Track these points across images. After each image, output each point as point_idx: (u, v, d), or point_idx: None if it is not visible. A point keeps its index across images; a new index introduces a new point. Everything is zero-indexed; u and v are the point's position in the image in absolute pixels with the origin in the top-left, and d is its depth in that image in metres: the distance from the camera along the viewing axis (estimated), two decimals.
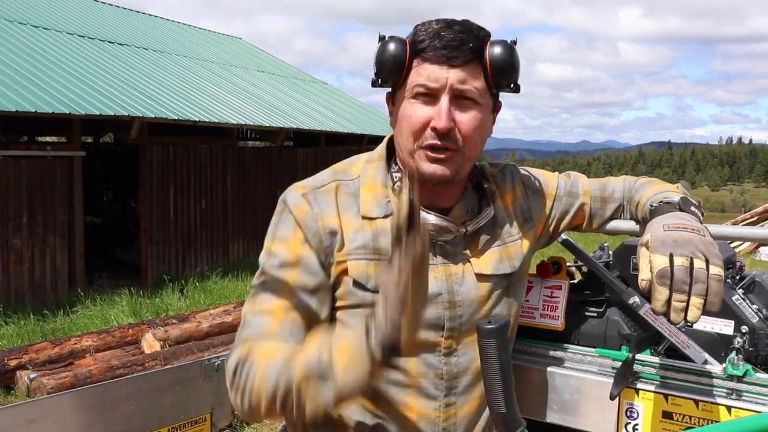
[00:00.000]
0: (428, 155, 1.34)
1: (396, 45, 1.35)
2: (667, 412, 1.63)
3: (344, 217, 1.38)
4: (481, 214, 1.44)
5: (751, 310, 1.82)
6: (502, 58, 1.34)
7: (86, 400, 1.60)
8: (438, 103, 1.32)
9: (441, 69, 1.32)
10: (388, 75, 1.37)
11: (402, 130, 1.37)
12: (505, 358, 1.04)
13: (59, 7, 15.10)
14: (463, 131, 1.34)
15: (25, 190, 9.11)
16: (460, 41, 1.31)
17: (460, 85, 1.32)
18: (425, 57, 1.33)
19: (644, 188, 1.60)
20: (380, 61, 1.36)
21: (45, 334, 7.76)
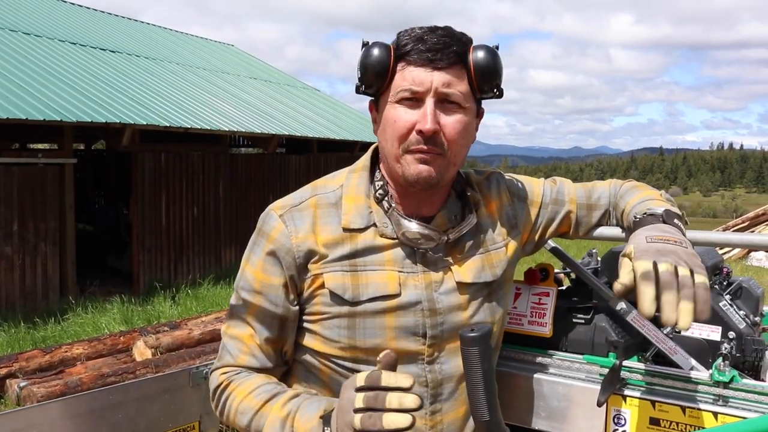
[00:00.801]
0: (415, 156, 1.34)
1: (379, 50, 1.35)
2: (655, 419, 1.63)
3: (323, 230, 1.39)
4: (464, 222, 1.44)
5: (738, 315, 1.82)
6: (486, 61, 1.35)
7: (74, 409, 1.59)
8: (423, 106, 1.33)
9: (425, 72, 1.32)
10: (372, 80, 1.37)
11: (387, 135, 1.37)
12: (488, 366, 1.04)
13: (51, 14, 15.07)
14: (447, 135, 1.34)
15: (16, 197, 9.07)
16: (443, 44, 1.32)
17: (444, 88, 1.32)
18: (409, 60, 1.33)
19: (629, 194, 1.59)
20: (364, 66, 1.36)
21: (35, 342, 7.71)
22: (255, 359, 1.43)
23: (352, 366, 1.38)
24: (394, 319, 1.36)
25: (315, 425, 1.24)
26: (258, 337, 1.42)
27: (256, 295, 1.40)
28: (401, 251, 1.39)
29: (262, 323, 1.41)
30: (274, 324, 1.41)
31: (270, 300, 1.39)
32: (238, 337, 1.44)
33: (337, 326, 1.36)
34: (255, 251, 1.43)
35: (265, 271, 1.40)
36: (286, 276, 1.38)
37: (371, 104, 1.45)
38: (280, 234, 1.39)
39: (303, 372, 1.45)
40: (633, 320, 1.75)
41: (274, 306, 1.39)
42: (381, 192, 1.41)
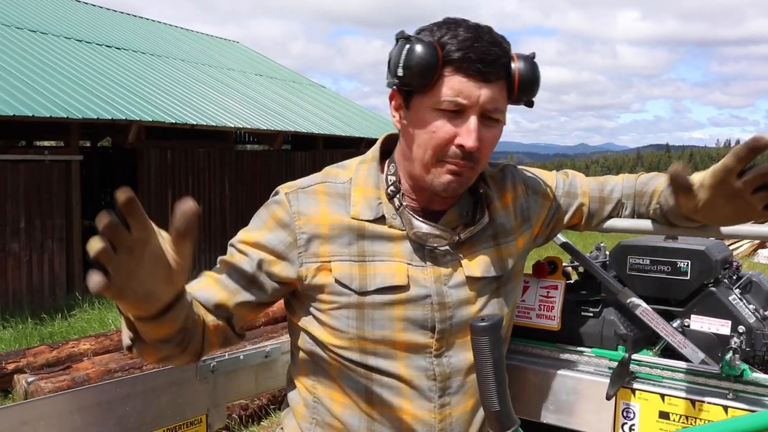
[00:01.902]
0: (448, 168, 1.32)
1: (427, 50, 1.26)
2: (664, 412, 1.62)
3: (330, 216, 1.38)
4: (476, 224, 1.42)
5: (748, 310, 1.82)
6: (530, 75, 1.33)
7: (81, 402, 1.59)
8: (465, 120, 1.29)
9: (474, 85, 1.28)
10: (415, 80, 1.28)
11: (420, 141, 1.33)
12: (499, 356, 1.03)
13: (56, 11, 15.10)
14: (483, 150, 1.33)
15: (22, 194, 9.09)
16: (494, 56, 1.28)
17: (489, 104, 1.29)
18: (458, 69, 1.27)
19: (656, 179, 1.59)
20: (408, 64, 1.27)
21: (43, 337, 7.73)
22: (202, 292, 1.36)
23: (360, 359, 1.37)
24: (402, 311, 1.36)
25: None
26: (216, 279, 1.38)
27: (238, 253, 1.39)
28: (410, 245, 1.38)
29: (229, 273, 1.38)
30: (239, 279, 1.37)
31: (252, 259, 1.37)
32: (203, 274, 1.42)
33: (345, 317, 1.36)
34: (256, 222, 1.42)
35: (259, 238, 1.38)
36: (278, 249, 1.37)
37: (397, 94, 1.38)
38: (284, 212, 1.38)
39: (312, 366, 1.45)
40: (642, 314, 1.74)
41: (248, 265, 1.37)
42: (393, 189, 1.39)
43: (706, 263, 1.81)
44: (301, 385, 1.48)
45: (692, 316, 1.82)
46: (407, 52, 1.27)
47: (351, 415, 1.40)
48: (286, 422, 1.53)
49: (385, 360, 1.37)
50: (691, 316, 1.82)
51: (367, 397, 1.38)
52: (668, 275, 1.85)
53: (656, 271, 1.87)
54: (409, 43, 1.28)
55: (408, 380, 1.37)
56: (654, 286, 1.86)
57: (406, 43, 1.28)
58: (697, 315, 1.81)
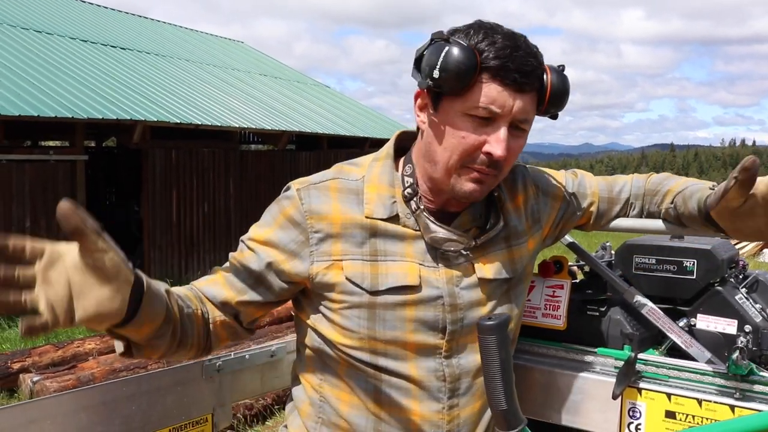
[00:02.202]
0: (472, 176, 1.32)
1: (466, 54, 1.25)
2: (670, 412, 1.62)
3: (342, 215, 1.37)
4: (491, 228, 1.42)
5: (755, 309, 1.81)
6: (561, 89, 1.34)
7: (86, 401, 1.59)
8: (496, 129, 1.28)
9: (509, 94, 1.27)
10: (451, 83, 1.26)
11: (447, 145, 1.32)
12: (506, 355, 1.03)
13: (62, 11, 15.14)
14: (509, 159, 1.32)
15: (28, 194, 9.12)
16: (531, 67, 1.28)
17: (520, 115, 1.29)
18: (495, 77, 1.26)
19: (668, 181, 1.59)
20: (446, 67, 1.25)
21: (48, 337, 7.75)
22: (211, 289, 1.40)
23: (370, 359, 1.36)
24: (414, 311, 1.35)
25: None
26: (226, 278, 1.40)
27: (248, 250, 1.40)
28: (423, 244, 1.38)
29: (238, 272, 1.40)
30: (247, 278, 1.39)
31: (260, 258, 1.38)
32: (212, 273, 1.44)
33: (356, 316, 1.35)
34: (266, 218, 1.42)
35: (269, 236, 1.38)
36: (289, 248, 1.37)
37: (425, 93, 1.36)
38: (296, 209, 1.37)
39: (320, 365, 1.44)
40: (648, 313, 1.74)
41: (256, 264, 1.38)
42: (410, 191, 1.38)
43: (713, 262, 1.80)
44: (306, 383, 1.47)
45: (698, 315, 1.81)
46: (445, 55, 1.25)
47: (358, 416, 1.39)
48: (290, 420, 1.52)
49: (395, 361, 1.36)
50: (698, 315, 1.81)
51: (376, 397, 1.38)
52: (674, 274, 1.84)
53: (662, 270, 1.86)
54: (448, 45, 1.26)
55: (418, 381, 1.37)
56: (660, 285, 1.85)
57: (444, 45, 1.27)
58: (703, 314, 1.81)
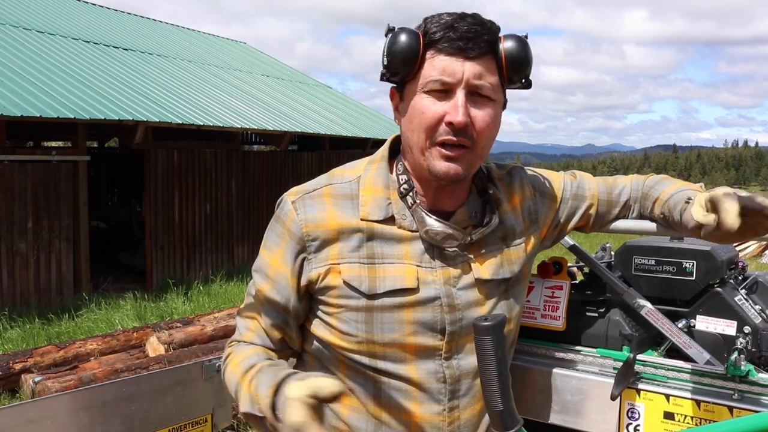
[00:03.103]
0: (441, 152, 1.32)
1: (408, 36, 1.30)
2: (669, 413, 1.62)
3: (338, 220, 1.37)
4: (487, 225, 1.42)
5: (754, 310, 1.81)
6: (517, 51, 1.33)
7: (87, 401, 1.60)
8: (453, 97, 1.30)
9: (456, 61, 1.29)
10: (400, 67, 1.32)
11: (413, 126, 1.34)
12: (502, 356, 1.03)
13: (64, 12, 15.16)
14: (477, 127, 1.31)
15: (30, 194, 9.13)
16: (475, 33, 1.29)
17: (475, 80, 1.29)
18: (439, 48, 1.29)
19: (662, 184, 1.59)
20: (391, 52, 1.31)
21: (50, 337, 7.77)
22: (259, 339, 1.45)
23: (369, 362, 1.36)
24: (412, 313, 1.35)
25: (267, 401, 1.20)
26: (263, 322, 1.44)
27: (268, 280, 1.41)
28: (420, 245, 1.38)
29: (268, 309, 1.42)
30: (279, 312, 1.42)
31: (278, 289, 1.40)
32: (249, 317, 1.47)
33: (354, 320, 1.35)
34: (271, 237, 1.43)
35: (279, 258, 1.40)
36: (295, 266, 1.38)
37: (393, 91, 1.41)
38: (292, 221, 1.39)
39: (318, 366, 1.45)
40: (647, 314, 1.74)
41: (279, 295, 1.40)
42: (406, 187, 1.39)
43: (712, 263, 1.80)
44: None
45: (698, 316, 1.81)
46: (390, 42, 1.32)
47: (358, 418, 1.39)
48: None
49: (394, 363, 1.36)
50: (697, 316, 1.81)
51: (376, 400, 1.38)
52: (674, 275, 1.85)
53: (662, 271, 1.86)
54: (393, 33, 1.32)
55: (418, 383, 1.37)
56: (659, 286, 1.86)
57: (390, 34, 1.33)
58: (702, 315, 1.81)
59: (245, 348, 1.43)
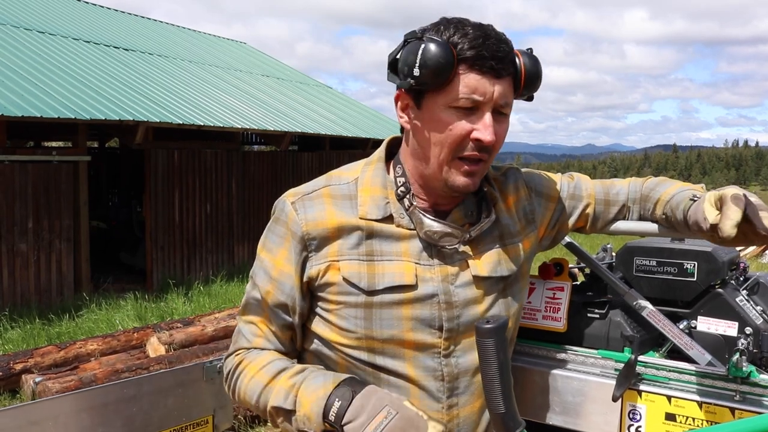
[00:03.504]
0: (463, 168, 1.34)
1: (443, 50, 1.28)
2: (670, 414, 1.62)
3: (337, 219, 1.39)
4: (483, 221, 1.43)
5: (756, 311, 1.81)
6: (534, 71, 1.38)
7: (88, 402, 1.60)
8: (480, 116, 1.32)
9: (488, 81, 1.31)
10: (431, 78, 1.29)
11: (436, 140, 1.34)
12: (504, 358, 1.03)
13: (64, 12, 15.16)
14: (496, 143, 1.35)
15: (30, 194, 9.13)
16: (503, 53, 1.32)
17: (501, 99, 1.33)
18: (472, 67, 1.30)
19: (662, 186, 1.60)
20: (425, 63, 1.28)
21: (50, 338, 7.77)
22: (269, 343, 1.45)
23: (368, 358, 1.37)
24: (410, 310, 1.36)
25: (321, 396, 1.27)
26: (272, 324, 1.44)
27: (272, 282, 1.42)
28: (418, 243, 1.39)
29: (276, 310, 1.43)
30: (287, 314, 1.43)
31: (283, 289, 1.41)
32: (253, 322, 1.46)
33: (353, 316, 1.36)
34: (272, 239, 1.44)
35: (283, 258, 1.41)
36: (298, 265, 1.40)
37: (404, 94, 1.38)
38: (293, 222, 1.40)
39: (317, 363, 1.45)
40: (648, 315, 1.74)
41: (286, 296, 1.41)
42: (403, 189, 1.41)
43: (713, 264, 1.80)
44: None
45: (699, 317, 1.81)
46: (423, 52, 1.28)
47: None
48: None
49: (393, 360, 1.37)
50: (698, 317, 1.81)
51: None
52: (675, 276, 1.84)
53: (663, 272, 1.86)
54: (423, 43, 1.29)
55: (416, 381, 1.38)
56: (661, 287, 1.86)
57: (420, 43, 1.30)
58: (704, 316, 1.81)
59: (262, 355, 1.44)
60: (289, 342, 1.47)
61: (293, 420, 1.31)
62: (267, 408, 1.36)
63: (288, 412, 1.32)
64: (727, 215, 1.26)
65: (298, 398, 1.30)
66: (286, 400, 1.32)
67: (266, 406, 1.36)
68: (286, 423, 1.33)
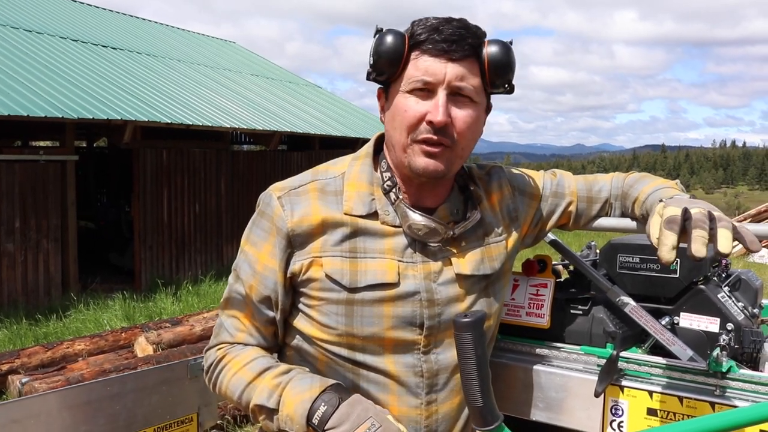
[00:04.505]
0: (422, 149, 1.34)
1: (394, 37, 1.34)
2: (652, 409, 1.63)
3: (322, 214, 1.39)
4: (468, 219, 1.44)
5: (737, 307, 1.82)
6: (500, 56, 1.35)
7: (71, 400, 1.59)
8: (434, 97, 1.32)
9: (439, 63, 1.31)
10: (385, 67, 1.35)
11: (396, 124, 1.37)
12: (482, 352, 1.04)
13: (52, 11, 15.07)
14: (458, 128, 1.34)
15: (17, 194, 9.08)
16: (459, 36, 1.31)
17: (457, 81, 1.32)
18: (423, 50, 1.32)
19: (640, 184, 1.60)
20: (377, 52, 1.35)
21: (37, 338, 7.73)
22: (252, 338, 1.45)
23: (348, 354, 1.38)
24: (392, 308, 1.36)
25: (307, 398, 1.28)
26: (256, 319, 1.44)
27: (256, 275, 1.42)
28: (402, 240, 1.40)
29: (260, 305, 1.42)
30: (270, 308, 1.43)
31: (267, 283, 1.41)
32: (236, 317, 1.46)
33: (335, 313, 1.37)
34: (256, 232, 1.44)
35: (267, 253, 1.41)
36: (282, 261, 1.39)
37: (380, 91, 1.44)
38: (279, 218, 1.40)
39: (298, 360, 1.46)
40: (631, 311, 1.75)
41: (269, 290, 1.41)
42: (389, 183, 1.41)
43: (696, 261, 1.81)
44: None
45: (681, 313, 1.82)
46: (377, 43, 1.35)
47: None
48: None
49: (373, 356, 1.38)
50: (681, 313, 1.82)
51: (354, 392, 1.39)
52: (658, 273, 1.85)
53: (646, 269, 1.87)
54: (380, 34, 1.36)
55: (396, 377, 1.38)
56: (644, 284, 1.87)
57: (377, 34, 1.36)
58: (686, 313, 1.82)
59: (245, 351, 1.44)
60: (272, 337, 1.47)
61: (275, 419, 1.32)
62: (249, 405, 1.37)
63: (271, 411, 1.33)
64: (662, 241, 1.23)
65: (282, 398, 1.31)
66: (269, 399, 1.32)
67: (249, 404, 1.37)
68: (267, 421, 1.34)
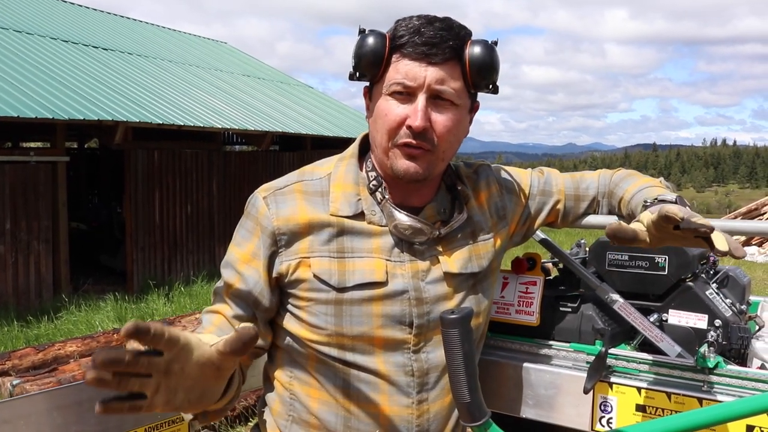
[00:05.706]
0: (404, 151, 1.35)
1: (375, 39, 1.34)
2: (641, 405, 1.64)
3: (308, 215, 1.39)
4: (455, 218, 1.44)
5: (725, 304, 1.84)
6: (482, 58, 1.34)
7: (61, 401, 1.59)
8: (414, 101, 1.32)
9: (419, 66, 1.31)
10: (366, 69, 1.36)
11: (377, 127, 1.38)
12: (469, 348, 1.04)
13: (42, 11, 15.01)
14: (438, 131, 1.34)
15: (8, 195, 9.03)
16: (440, 39, 1.31)
17: (437, 85, 1.32)
18: (404, 53, 1.32)
19: (626, 182, 1.60)
20: (359, 54, 1.36)
21: (29, 340, 7.69)
22: (222, 332, 1.39)
23: (338, 354, 1.38)
24: (380, 307, 1.37)
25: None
26: (229, 313, 1.42)
27: (237, 275, 1.41)
28: (389, 239, 1.40)
29: (239, 302, 1.41)
30: (248, 305, 1.41)
31: (247, 281, 1.40)
32: (213, 311, 1.45)
33: (323, 313, 1.36)
34: (241, 233, 1.44)
35: (249, 253, 1.41)
36: (266, 259, 1.39)
37: (366, 90, 1.45)
38: (263, 217, 1.40)
39: (288, 363, 1.45)
40: (620, 309, 1.76)
41: (249, 289, 1.40)
42: (375, 183, 1.41)
43: (684, 258, 1.83)
44: (277, 382, 1.48)
45: (670, 310, 1.84)
46: (358, 44, 1.36)
47: (328, 412, 1.40)
48: (262, 419, 1.54)
49: (363, 356, 1.38)
50: (669, 310, 1.84)
51: (345, 392, 1.39)
52: (646, 270, 1.87)
53: (634, 266, 1.88)
54: (362, 35, 1.36)
55: (386, 376, 1.38)
56: (632, 281, 1.88)
57: (360, 35, 1.37)
58: (674, 309, 1.83)
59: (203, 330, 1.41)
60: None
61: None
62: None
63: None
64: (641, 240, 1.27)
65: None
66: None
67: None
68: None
